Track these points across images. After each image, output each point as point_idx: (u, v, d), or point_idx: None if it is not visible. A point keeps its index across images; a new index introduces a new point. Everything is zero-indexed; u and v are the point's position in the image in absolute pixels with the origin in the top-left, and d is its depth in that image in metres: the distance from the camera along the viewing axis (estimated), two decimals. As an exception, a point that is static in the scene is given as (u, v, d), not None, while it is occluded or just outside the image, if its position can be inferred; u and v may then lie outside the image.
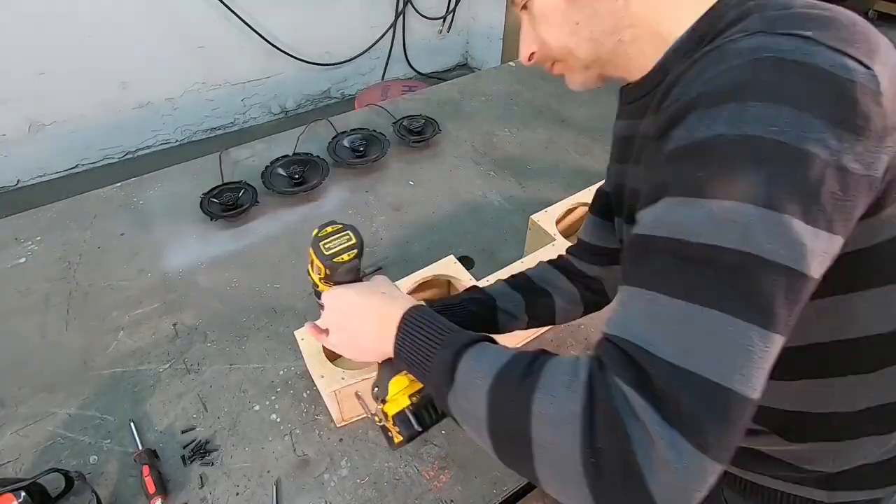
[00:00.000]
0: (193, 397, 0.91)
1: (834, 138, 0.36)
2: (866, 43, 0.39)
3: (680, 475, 0.34)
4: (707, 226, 0.37)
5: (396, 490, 0.79)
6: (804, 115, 0.36)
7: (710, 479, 0.35)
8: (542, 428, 0.39)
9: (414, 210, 1.29)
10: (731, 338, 0.35)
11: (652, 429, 0.34)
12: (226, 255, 1.17)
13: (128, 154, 2.84)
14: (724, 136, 0.37)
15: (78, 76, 2.47)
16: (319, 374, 0.81)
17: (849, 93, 0.37)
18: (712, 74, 0.40)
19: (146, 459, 0.79)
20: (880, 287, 0.47)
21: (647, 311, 0.38)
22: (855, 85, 0.37)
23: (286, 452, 0.84)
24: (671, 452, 0.34)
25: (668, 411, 0.35)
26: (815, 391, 0.53)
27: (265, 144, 1.49)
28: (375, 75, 3.40)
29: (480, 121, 1.60)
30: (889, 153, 0.38)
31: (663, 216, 0.40)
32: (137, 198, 1.32)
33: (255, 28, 2.76)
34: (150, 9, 2.48)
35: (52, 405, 0.90)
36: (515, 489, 0.82)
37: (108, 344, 0.99)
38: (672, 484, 0.34)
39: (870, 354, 0.50)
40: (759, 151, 0.36)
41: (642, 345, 0.37)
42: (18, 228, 1.23)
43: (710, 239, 0.37)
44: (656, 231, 0.40)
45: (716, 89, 0.39)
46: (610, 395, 0.36)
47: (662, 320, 0.37)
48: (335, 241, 0.64)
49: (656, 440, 0.34)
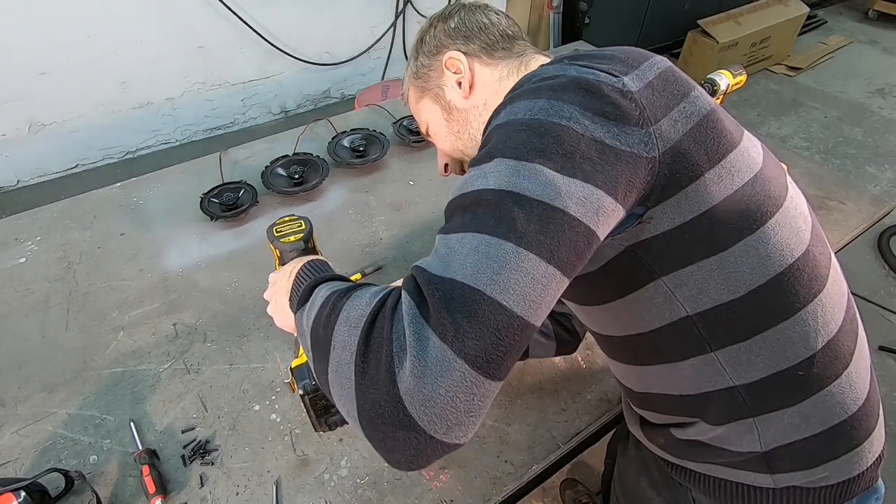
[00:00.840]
0: (193, 397, 0.91)
1: (585, 119, 0.47)
2: (622, 64, 0.53)
3: (421, 364, 0.39)
4: (476, 179, 0.47)
5: (396, 490, 0.79)
6: (556, 103, 0.48)
7: (455, 380, 0.39)
8: (339, 328, 0.45)
9: (414, 210, 1.29)
10: (485, 251, 0.42)
11: (408, 324, 0.41)
12: (226, 254, 1.17)
13: (128, 154, 2.84)
14: (497, 127, 0.50)
15: (78, 76, 2.47)
16: None
17: (594, 88, 0.49)
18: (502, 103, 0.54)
19: (146, 459, 0.79)
20: (710, 257, 0.52)
21: (436, 250, 0.46)
22: (599, 84, 0.49)
23: (286, 452, 0.84)
24: (416, 342, 0.40)
25: (424, 308, 0.41)
26: (707, 369, 0.57)
27: (265, 144, 1.49)
28: (375, 75, 3.40)
29: (480, 121, 1.60)
30: (652, 137, 0.48)
31: (454, 187, 0.50)
32: (137, 198, 1.32)
33: (255, 28, 2.75)
34: (150, 9, 2.48)
35: (52, 405, 0.90)
36: (515, 489, 0.82)
37: (108, 344, 0.99)
38: (415, 373, 0.39)
39: (734, 322, 0.54)
40: (518, 127, 0.48)
41: (422, 266, 0.45)
42: (18, 228, 1.23)
43: (477, 186, 0.46)
44: (448, 197, 0.50)
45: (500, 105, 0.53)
46: (392, 304, 0.44)
47: (441, 251, 0.45)
48: (286, 227, 0.72)
49: (408, 332, 0.40)
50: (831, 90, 1.86)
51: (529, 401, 0.91)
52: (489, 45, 0.70)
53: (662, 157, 0.49)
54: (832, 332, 0.57)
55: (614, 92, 0.49)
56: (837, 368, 0.57)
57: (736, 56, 3.18)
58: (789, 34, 3.37)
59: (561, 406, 0.90)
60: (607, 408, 0.91)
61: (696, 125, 0.52)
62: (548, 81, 0.51)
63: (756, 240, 0.53)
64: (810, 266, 0.56)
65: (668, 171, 0.49)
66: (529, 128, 0.47)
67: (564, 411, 0.90)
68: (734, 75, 1.30)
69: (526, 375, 0.95)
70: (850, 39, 2.12)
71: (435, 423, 0.39)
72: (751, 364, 0.56)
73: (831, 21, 2.28)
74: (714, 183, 0.52)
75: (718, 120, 0.54)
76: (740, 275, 0.53)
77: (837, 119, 1.70)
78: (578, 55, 0.57)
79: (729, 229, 0.52)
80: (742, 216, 0.53)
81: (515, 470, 0.82)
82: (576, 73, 0.51)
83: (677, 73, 0.56)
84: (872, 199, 1.35)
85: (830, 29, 2.23)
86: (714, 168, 0.52)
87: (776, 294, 0.54)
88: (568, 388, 0.93)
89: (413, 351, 0.39)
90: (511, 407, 0.90)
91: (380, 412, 0.40)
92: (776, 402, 0.57)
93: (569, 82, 0.50)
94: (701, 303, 0.54)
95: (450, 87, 0.72)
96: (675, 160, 0.50)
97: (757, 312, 0.54)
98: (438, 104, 0.74)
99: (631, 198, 0.48)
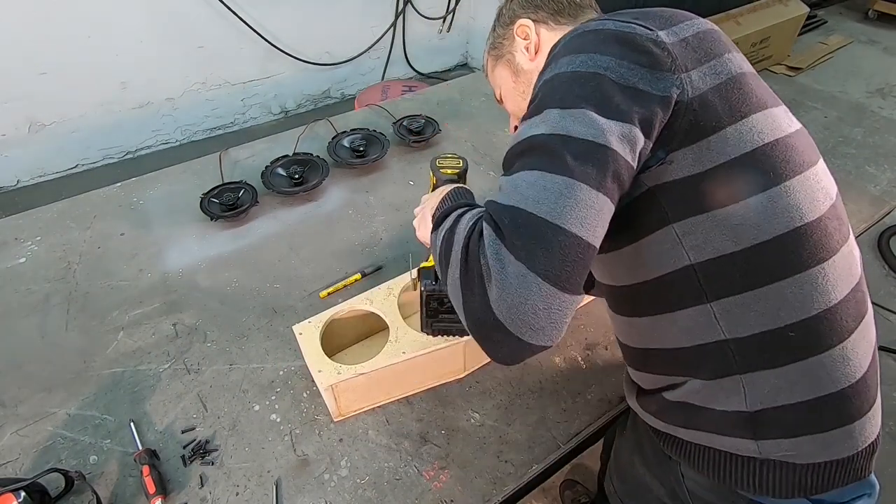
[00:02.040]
0: (193, 397, 0.91)
1: (621, 68, 0.54)
2: (660, 20, 0.60)
3: (503, 279, 0.48)
4: (529, 128, 0.54)
5: (396, 490, 0.79)
6: (595, 55, 0.55)
7: (533, 291, 0.47)
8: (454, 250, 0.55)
9: (414, 210, 1.29)
10: (543, 184, 0.50)
11: (488, 246, 0.50)
12: (226, 254, 1.17)
13: (128, 154, 2.84)
14: (544, 83, 0.57)
15: (78, 76, 2.47)
16: (317, 368, 0.82)
17: (629, 39, 0.56)
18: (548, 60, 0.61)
19: (146, 459, 0.79)
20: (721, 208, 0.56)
21: (500, 187, 0.54)
22: (634, 35, 0.56)
23: (286, 452, 0.84)
24: (497, 262, 0.49)
25: (499, 233, 0.50)
26: (702, 320, 0.59)
27: (265, 144, 1.49)
28: (375, 75, 3.39)
29: (480, 121, 1.60)
30: (684, 83, 0.55)
31: (510, 140, 0.57)
32: (137, 198, 1.32)
33: (255, 28, 2.75)
34: (150, 9, 2.48)
35: (52, 405, 0.90)
36: (515, 489, 0.82)
37: (108, 344, 0.99)
38: (500, 287, 0.48)
39: (732, 274, 0.57)
40: (563, 80, 0.55)
41: (492, 199, 0.54)
42: (18, 228, 1.23)
43: (530, 133, 0.54)
44: (507, 147, 0.57)
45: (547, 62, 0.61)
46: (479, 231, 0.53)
47: (505, 187, 0.53)
48: (447, 162, 0.81)
49: (489, 253, 0.49)
50: (831, 90, 1.86)
51: (529, 401, 0.91)
52: (556, 12, 0.75)
53: (690, 102, 0.55)
54: (831, 303, 0.57)
55: (648, 41, 0.55)
56: (831, 340, 0.58)
57: (736, 56, 3.16)
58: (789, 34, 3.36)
59: (561, 406, 0.90)
60: (607, 408, 0.91)
61: (724, 82, 0.58)
62: (588, 36, 0.58)
63: (766, 197, 0.56)
64: (819, 234, 0.57)
65: (693, 118, 0.55)
66: (572, 79, 0.54)
67: (564, 411, 0.90)
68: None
69: (526, 375, 0.95)
70: (850, 39, 2.12)
71: (521, 328, 0.48)
72: (744, 318, 0.58)
73: (831, 21, 2.28)
74: (734, 138, 0.56)
75: (747, 83, 0.60)
76: (746, 228, 0.56)
77: (837, 119, 1.69)
78: (620, 13, 0.63)
79: (742, 183, 0.56)
80: (756, 173, 0.56)
81: (515, 470, 0.82)
82: (613, 27, 0.57)
83: (717, 36, 0.62)
84: (872, 200, 1.35)
85: (830, 29, 2.23)
86: (735, 124, 0.56)
87: (777, 252, 0.56)
88: (568, 389, 0.93)
89: (496, 268, 0.48)
90: (511, 407, 0.90)
91: (480, 319, 0.50)
92: (764, 361, 0.58)
93: (607, 36, 0.57)
94: (704, 252, 0.57)
95: (519, 52, 0.78)
96: (701, 108, 0.55)
97: (756, 267, 0.56)
98: (509, 68, 0.80)
99: (659, 137, 0.55)
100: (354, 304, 0.91)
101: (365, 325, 0.96)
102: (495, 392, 0.92)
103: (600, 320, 1.04)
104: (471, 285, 0.51)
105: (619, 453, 0.90)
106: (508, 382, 0.94)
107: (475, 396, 0.91)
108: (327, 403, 0.85)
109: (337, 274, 1.12)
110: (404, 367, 0.85)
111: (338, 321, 0.91)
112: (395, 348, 0.84)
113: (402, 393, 0.91)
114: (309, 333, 0.87)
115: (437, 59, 3.59)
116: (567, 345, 1.00)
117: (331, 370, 0.81)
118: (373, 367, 0.82)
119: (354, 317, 0.93)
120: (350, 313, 0.92)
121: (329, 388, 0.81)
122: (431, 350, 0.84)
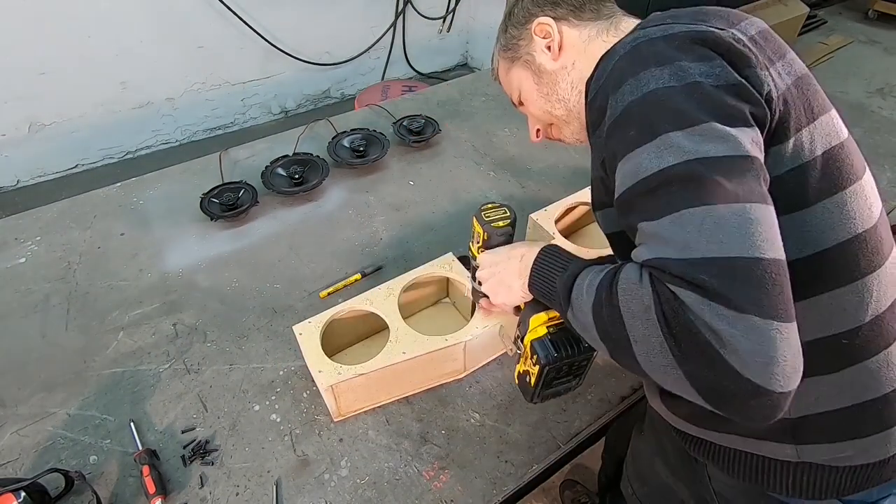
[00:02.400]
0: (193, 397, 0.91)
1: (715, 69, 0.50)
2: (723, 20, 0.56)
3: (744, 339, 0.42)
4: (650, 161, 0.48)
5: (396, 490, 0.79)
6: (685, 63, 0.50)
7: (775, 338, 0.42)
8: (632, 324, 0.48)
9: (414, 210, 1.29)
10: (713, 220, 0.45)
11: (705, 312, 0.43)
12: (226, 254, 1.17)
13: (128, 154, 2.84)
14: (633, 101, 0.51)
15: (78, 76, 2.47)
16: (317, 369, 0.82)
17: (710, 39, 0.52)
18: (609, 67, 0.56)
19: (146, 459, 0.79)
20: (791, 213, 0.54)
21: (655, 236, 0.48)
22: (713, 34, 0.52)
23: (286, 452, 0.84)
24: (723, 323, 0.43)
25: (703, 292, 0.44)
26: None
27: (265, 144, 1.49)
28: (375, 75, 3.40)
29: (480, 121, 1.60)
30: (769, 79, 0.52)
31: (624, 175, 0.51)
32: (137, 198, 1.32)
33: (255, 28, 2.75)
34: (150, 9, 2.48)
35: (52, 405, 0.90)
36: (515, 489, 0.82)
37: (108, 344, 0.99)
38: (743, 349, 0.42)
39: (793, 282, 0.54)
40: (661, 98, 0.50)
41: (661, 257, 0.47)
42: (18, 228, 1.23)
43: (656, 167, 0.48)
44: (624, 186, 0.51)
45: (615, 75, 0.54)
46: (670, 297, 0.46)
47: (664, 235, 0.47)
48: (493, 213, 0.78)
49: (709, 318, 0.43)
50: (831, 90, 1.86)
51: (529, 401, 0.91)
52: (577, 8, 0.70)
53: (777, 100, 0.52)
54: (881, 310, 0.57)
55: (730, 39, 0.52)
56: (879, 345, 0.58)
57: (736, 56, 3.17)
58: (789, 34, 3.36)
59: (561, 406, 0.90)
60: (607, 408, 0.91)
61: (795, 82, 0.55)
62: (659, 44, 0.53)
63: (833, 203, 0.55)
64: (874, 241, 0.57)
65: (779, 116, 0.52)
66: (674, 94, 0.49)
67: (564, 412, 0.90)
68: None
69: (526, 375, 0.95)
70: (850, 39, 2.12)
71: (779, 380, 0.43)
72: (809, 325, 0.55)
73: (831, 21, 2.28)
74: (808, 139, 0.54)
75: (813, 83, 0.58)
76: (811, 234, 0.54)
77: (837, 119, 1.69)
78: (676, 14, 0.59)
79: (813, 188, 0.54)
80: (826, 177, 0.55)
81: (515, 470, 0.82)
82: (686, 30, 0.53)
83: (775, 35, 0.60)
84: (872, 200, 1.35)
85: (830, 29, 2.23)
86: (809, 126, 0.54)
87: (839, 259, 0.55)
88: (568, 389, 0.93)
89: (727, 332, 0.43)
90: (511, 407, 0.90)
91: (726, 390, 0.44)
92: (816, 368, 0.56)
93: (683, 40, 0.52)
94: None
95: (539, 52, 0.72)
96: (785, 107, 0.53)
97: (815, 275, 0.55)
98: (529, 69, 0.75)
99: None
100: (354, 304, 0.91)
101: (365, 326, 0.97)
102: (495, 392, 0.92)
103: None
104: (694, 358, 0.45)
105: (637, 455, 0.88)
106: (509, 382, 0.94)
107: (475, 396, 0.91)
108: (327, 403, 0.85)
109: (337, 274, 1.12)
110: (404, 368, 0.85)
111: (338, 321, 0.91)
112: (394, 348, 0.84)
113: (402, 393, 0.91)
114: (309, 333, 0.87)
115: (437, 59, 3.59)
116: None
117: (331, 370, 0.81)
118: (373, 368, 0.82)
119: (354, 317, 0.93)
120: (350, 313, 0.92)
121: (329, 389, 0.81)
122: (431, 350, 0.84)
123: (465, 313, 1.03)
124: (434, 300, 1.07)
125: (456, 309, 1.06)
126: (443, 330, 0.87)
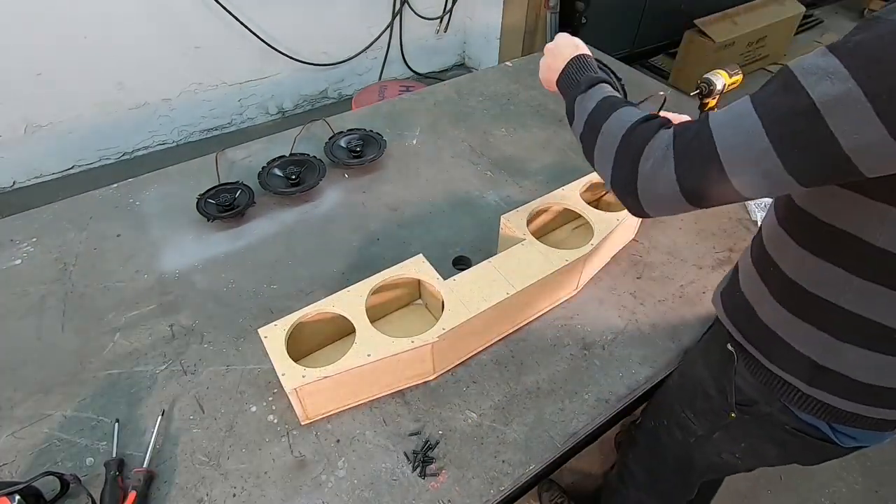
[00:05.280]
0: (190, 399, 0.90)
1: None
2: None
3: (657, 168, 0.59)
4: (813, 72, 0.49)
5: (393, 491, 0.79)
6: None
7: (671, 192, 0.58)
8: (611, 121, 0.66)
9: (411, 210, 1.29)
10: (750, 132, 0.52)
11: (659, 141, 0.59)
12: (222, 255, 1.17)
13: (124, 155, 2.84)
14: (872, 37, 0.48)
15: (74, 77, 2.46)
16: (281, 371, 0.81)
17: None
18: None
19: (114, 469, 0.77)
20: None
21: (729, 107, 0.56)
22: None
23: (283, 454, 0.83)
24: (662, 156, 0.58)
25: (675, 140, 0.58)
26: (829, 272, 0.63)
27: (262, 145, 1.49)
28: (372, 75, 3.39)
29: (477, 121, 1.60)
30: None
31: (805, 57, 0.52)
32: (134, 199, 1.31)
33: (251, 28, 2.75)
34: (147, 9, 2.47)
35: (48, 407, 0.89)
36: (513, 489, 0.82)
37: (105, 345, 0.99)
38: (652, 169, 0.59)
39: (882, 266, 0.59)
40: None
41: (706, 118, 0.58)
42: (14, 230, 1.22)
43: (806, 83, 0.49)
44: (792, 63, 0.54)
45: None
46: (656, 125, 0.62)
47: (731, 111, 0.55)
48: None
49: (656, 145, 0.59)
50: (827, 89, 1.87)
51: (527, 401, 0.91)
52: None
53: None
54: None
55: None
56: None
57: (733, 55, 3.18)
58: (786, 34, 3.37)
59: (558, 406, 0.90)
60: (604, 408, 0.91)
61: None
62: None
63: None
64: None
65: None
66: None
67: (562, 411, 0.90)
68: (730, 75, 1.30)
69: (523, 375, 0.95)
70: (846, 39, 2.13)
71: (649, 203, 0.62)
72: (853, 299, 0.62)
73: (827, 20, 2.29)
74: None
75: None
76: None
77: (834, 118, 1.70)
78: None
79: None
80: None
81: (513, 470, 0.82)
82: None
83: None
84: (869, 198, 1.35)
85: (827, 28, 2.24)
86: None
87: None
88: (565, 389, 0.93)
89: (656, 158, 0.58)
90: (508, 407, 0.90)
91: (622, 182, 0.63)
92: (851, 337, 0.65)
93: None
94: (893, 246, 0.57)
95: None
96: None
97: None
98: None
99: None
100: (320, 306, 0.90)
101: (335, 328, 0.95)
102: (493, 392, 0.92)
103: (598, 320, 1.04)
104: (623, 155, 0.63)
105: (687, 359, 0.99)
106: (506, 382, 0.93)
107: (472, 396, 0.91)
108: (294, 407, 0.85)
109: (334, 274, 1.12)
110: (370, 370, 0.83)
111: (307, 324, 0.89)
112: (360, 350, 0.83)
113: (368, 396, 0.89)
114: (274, 336, 0.85)
115: (434, 59, 3.59)
116: (564, 345, 1.00)
117: (295, 373, 0.80)
118: (337, 370, 0.80)
119: (323, 320, 0.91)
120: (317, 316, 0.90)
121: (293, 391, 0.79)
122: (397, 352, 0.83)
123: (437, 315, 1.00)
124: (406, 302, 1.05)
125: (428, 311, 1.04)
126: (413, 332, 0.85)
